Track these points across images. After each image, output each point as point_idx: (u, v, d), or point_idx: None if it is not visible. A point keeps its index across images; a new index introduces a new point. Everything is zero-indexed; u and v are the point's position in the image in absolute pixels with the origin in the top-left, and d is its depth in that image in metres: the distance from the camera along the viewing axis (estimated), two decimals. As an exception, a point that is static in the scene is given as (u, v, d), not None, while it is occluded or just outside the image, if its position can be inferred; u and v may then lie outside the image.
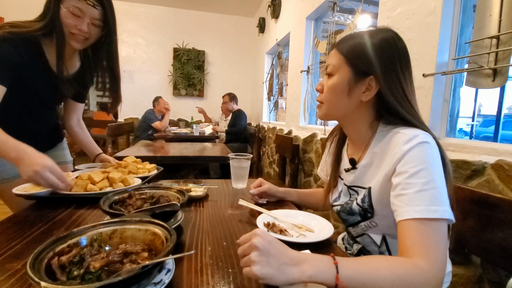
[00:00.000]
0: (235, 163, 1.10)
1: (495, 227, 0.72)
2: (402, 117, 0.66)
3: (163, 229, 0.49)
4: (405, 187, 0.57)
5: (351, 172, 0.76)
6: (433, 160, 0.57)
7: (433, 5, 1.26)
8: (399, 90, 0.66)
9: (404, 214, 0.55)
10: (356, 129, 0.74)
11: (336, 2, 2.21)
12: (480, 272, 1.01)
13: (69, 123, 1.30)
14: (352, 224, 0.76)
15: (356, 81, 0.67)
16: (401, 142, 0.60)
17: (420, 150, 0.58)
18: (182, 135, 3.55)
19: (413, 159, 0.58)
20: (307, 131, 2.53)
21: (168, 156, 1.89)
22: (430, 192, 0.54)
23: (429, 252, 0.51)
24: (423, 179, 0.55)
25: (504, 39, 1.00)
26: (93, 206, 0.85)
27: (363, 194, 0.71)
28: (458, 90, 1.29)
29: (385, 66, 0.65)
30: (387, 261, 0.51)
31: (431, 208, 0.53)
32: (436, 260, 0.50)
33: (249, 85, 5.42)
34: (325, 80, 0.72)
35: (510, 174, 0.92)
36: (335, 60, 0.70)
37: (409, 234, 0.53)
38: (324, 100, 0.73)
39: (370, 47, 0.66)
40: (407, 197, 0.56)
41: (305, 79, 2.79)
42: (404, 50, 0.67)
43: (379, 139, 0.70)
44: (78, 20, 0.93)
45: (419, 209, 0.53)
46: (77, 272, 0.42)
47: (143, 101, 4.72)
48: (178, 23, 5.01)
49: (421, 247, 0.51)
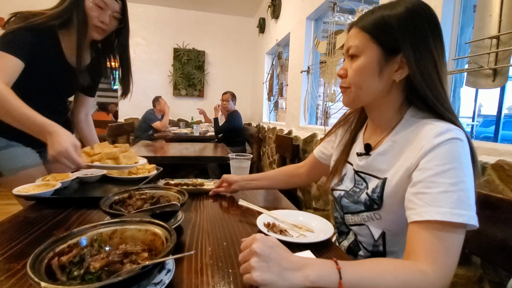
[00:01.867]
0: (235, 163, 1.10)
1: (495, 227, 0.71)
2: (430, 103, 0.59)
3: (163, 229, 0.49)
4: (429, 185, 0.52)
5: (364, 158, 0.70)
6: (464, 160, 0.52)
7: (433, 5, 1.24)
8: (430, 70, 0.58)
9: (424, 214, 0.50)
10: (382, 113, 0.67)
11: (336, 2, 2.21)
12: (480, 272, 1.01)
13: (77, 117, 1.31)
14: (352, 212, 0.72)
15: (387, 60, 0.60)
16: (431, 134, 0.55)
17: (451, 147, 0.52)
18: (182, 135, 3.54)
19: (442, 156, 0.52)
20: (307, 131, 2.53)
21: (168, 156, 1.89)
22: (457, 194, 0.49)
23: (437, 258, 0.48)
24: (451, 179, 0.50)
25: (504, 39, 1.00)
26: (93, 206, 0.85)
27: (376, 184, 0.66)
28: (458, 90, 1.29)
29: (414, 40, 0.58)
30: (392, 266, 0.48)
31: (456, 211, 0.48)
32: (444, 267, 0.48)
33: (249, 85, 5.42)
34: (349, 63, 0.64)
35: (510, 174, 0.92)
36: (358, 40, 0.62)
37: (421, 236, 0.50)
38: (352, 84, 0.64)
39: (395, 19, 0.58)
40: (430, 196, 0.51)
41: (305, 79, 2.79)
42: (434, 18, 0.59)
43: (404, 127, 0.63)
44: (102, 12, 0.98)
45: (442, 211, 0.49)
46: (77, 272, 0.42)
47: (143, 101, 4.71)
48: (178, 23, 5.01)
49: (430, 251, 0.48)
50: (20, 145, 1.09)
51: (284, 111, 3.88)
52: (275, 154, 3.17)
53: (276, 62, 3.95)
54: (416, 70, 0.58)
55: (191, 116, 4.94)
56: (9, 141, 1.06)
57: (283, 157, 2.73)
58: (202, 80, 5.14)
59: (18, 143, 1.08)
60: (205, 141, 3.37)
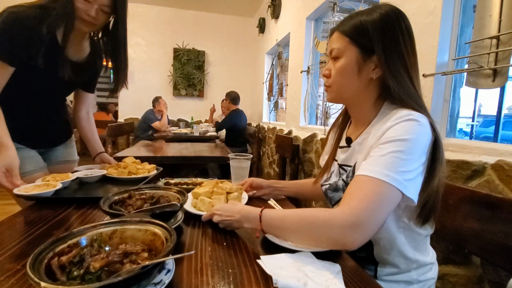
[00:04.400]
0: (235, 163, 1.10)
1: (495, 227, 0.71)
2: (402, 97, 0.64)
3: (163, 229, 0.49)
4: (376, 150, 0.59)
5: (345, 150, 0.77)
6: (415, 136, 0.57)
7: (433, 6, 1.26)
8: (400, 69, 0.64)
9: (361, 171, 0.58)
10: (361, 109, 0.73)
11: (336, 2, 2.21)
12: (480, 272, 1.01)
13: (78, 115, 1.30)
14: (337, 201, 0.76)
15: (364, 60, 0.66)
16: (393, 118, 0.61)
17: (406, 124, 0.59)
18: (182, 135, 3.54)
19: (395, 130, 0.59)
20: (307, 131, 2.53)
21: (168, 156, 1.89)
22: (392, 160, 0.56)
23: (350, 200, 0.55)
24: (394, 148, 0.57)
25: (504, 39, 1.00)
26: (93, 206, 0.85)
27: (349, 170, 0.73)
28: (458, 91, 1.29)
29: (386, 42, 0.64)
30: (305, 210, 0.60)
31: (383, 171, 0.55)
32: (351, 208, 0.54)
33: (249, 85, 5.42)
34: (332, 64, 0.71)
35: (510, 174, 0.92)
36: (339, 43, 0.69)
37: (350, 186, 0.58)
38: (333, 84, 0.71)
39: (370, 23, 0.65)
40: (371, 158, 0.59)
41: (305, 79, 2.79)
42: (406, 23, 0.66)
43: (379, 119, 0.69)
44: (88, 5, 0.96)
45: (373, 169, 0.56)
46: (77, 272, 0.42)
47: (143, 101, 4.71)
48: (178, 23, 5.01)
49: (348, 196, 0.56)
50: (25, 147, 1.08)
51: (284, 111, 3.88)
52: (275, 154, 3.17)
53: (276, 62, 3.95)
54: (386, 69, 0.64)
55: (191, 116, 4.94)
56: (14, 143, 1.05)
57: (283, 157, 2.73)
58: (202, 80, 5.14)
59: (23, 146, 1.07)
60: (205, 141, 3.37)
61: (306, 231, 0.58)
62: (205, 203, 0.81)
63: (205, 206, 0.80)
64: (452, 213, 0.83)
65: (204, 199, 0.82)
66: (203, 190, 0.85)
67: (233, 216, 0.67)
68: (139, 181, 1.08)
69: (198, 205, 0.82)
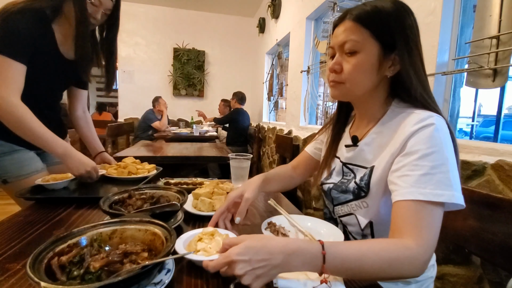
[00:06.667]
0: (235, 163, 1.10)
1: (495, 227, 0.71)
2: (420, 95, 0.61)
3: (163, 229, 0.49)
4: (413, 168, 0.55)
5: (351, 149, 0.73)
6: (445, 143, 0.56)
7: (433, 5, 1.26)
8: (419, 65, 0.62)
9: (408, 194, 0.54)
10: (369, 106, 0.70)
11: (336, 2, 2.21)
12: (480, 272, 1.01)
13: (74, 114, 1.29)
14: (341, 203, 0.73)
15: (385, 56, 0.62)
16: (415, 121, 0.58)
17: (432, 131, 0.56)
18: (182, 135, 3.54)
19: (424, 140, 0.56)
20: (307, 131, 2.53)
21: (168, 156, 1.88)
22: (438, 176, 0.53)
23: (421, 232, 0.51)
24: (433, 162, 0.54)
25: (504, 39, 1.00)
26: (93, 206, 0.85)
27: (364, 172, 0.68)
28: (458, 90, 1.29)
29: (407, 38, 0.61)
30: (379, 244, 0.50)
31: (437, 192, 0.52)
32: (427, 241, 0.51)
33: (249, 85, 5.42)
34: (345, 59, 0.64)
35: (510, 174, 0.92)
36: (356, 35, 0.62)
37: (405, 214, 0.53)
38: (347, 80, 0.64)
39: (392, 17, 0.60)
40: (413, 178, 0.54)
41: (305, 79, 2.79)
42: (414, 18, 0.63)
43: (390, 118, 0.66)
44: (95, 9, 1.00)
45: (424, 192, 0.52)
46: (77, 272, 0.42)
47: (143, 101, 4.71)
48: (178, 23, 5.01)
49: (414, 227, 0.52)
50: (24, 149, 1.07)
51: (284, 111, 3.88)
52: (275, 154, 3.17)
53: (276, 62, 3.95)
54: (408, 66, 0.61)
55: (191, 116, 4.94)
56: (12, 145, 1.04)
57: (283, 157, 2.73)
58: (202, 80, 5.14)
59: (22, 147, 1.06)
60: (205, 141, 3.37)
61: (385, 271, 0.49)
62: (206, 203, 0.81)
63: (206, 206, 0.80)
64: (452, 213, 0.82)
65: (205, 199, 0.82)
66: (203, 191, 0.85)
67: (269, 259, 0.44)
68: (139, 181, 1.08)
69: (199, 205, 0.82)
